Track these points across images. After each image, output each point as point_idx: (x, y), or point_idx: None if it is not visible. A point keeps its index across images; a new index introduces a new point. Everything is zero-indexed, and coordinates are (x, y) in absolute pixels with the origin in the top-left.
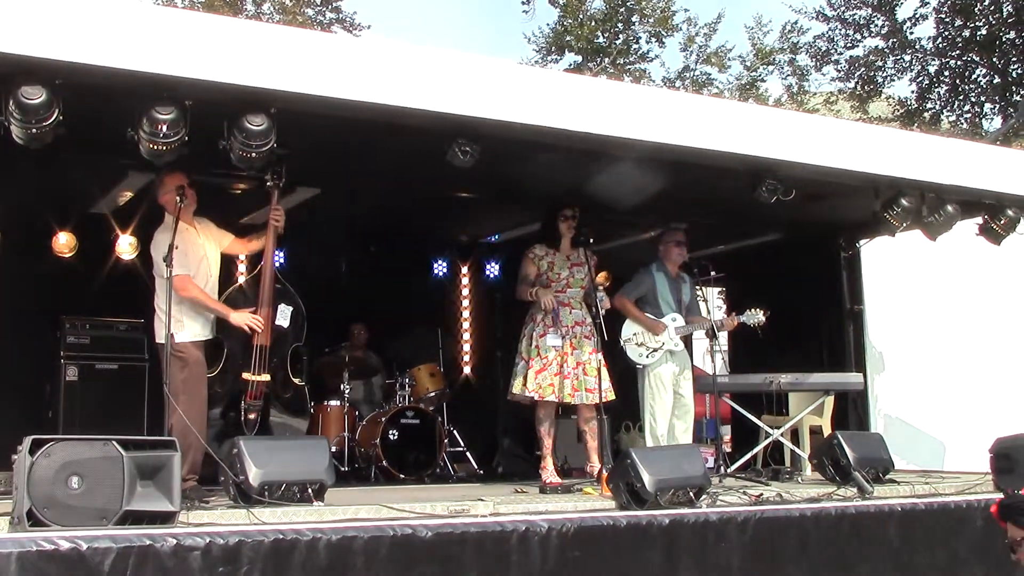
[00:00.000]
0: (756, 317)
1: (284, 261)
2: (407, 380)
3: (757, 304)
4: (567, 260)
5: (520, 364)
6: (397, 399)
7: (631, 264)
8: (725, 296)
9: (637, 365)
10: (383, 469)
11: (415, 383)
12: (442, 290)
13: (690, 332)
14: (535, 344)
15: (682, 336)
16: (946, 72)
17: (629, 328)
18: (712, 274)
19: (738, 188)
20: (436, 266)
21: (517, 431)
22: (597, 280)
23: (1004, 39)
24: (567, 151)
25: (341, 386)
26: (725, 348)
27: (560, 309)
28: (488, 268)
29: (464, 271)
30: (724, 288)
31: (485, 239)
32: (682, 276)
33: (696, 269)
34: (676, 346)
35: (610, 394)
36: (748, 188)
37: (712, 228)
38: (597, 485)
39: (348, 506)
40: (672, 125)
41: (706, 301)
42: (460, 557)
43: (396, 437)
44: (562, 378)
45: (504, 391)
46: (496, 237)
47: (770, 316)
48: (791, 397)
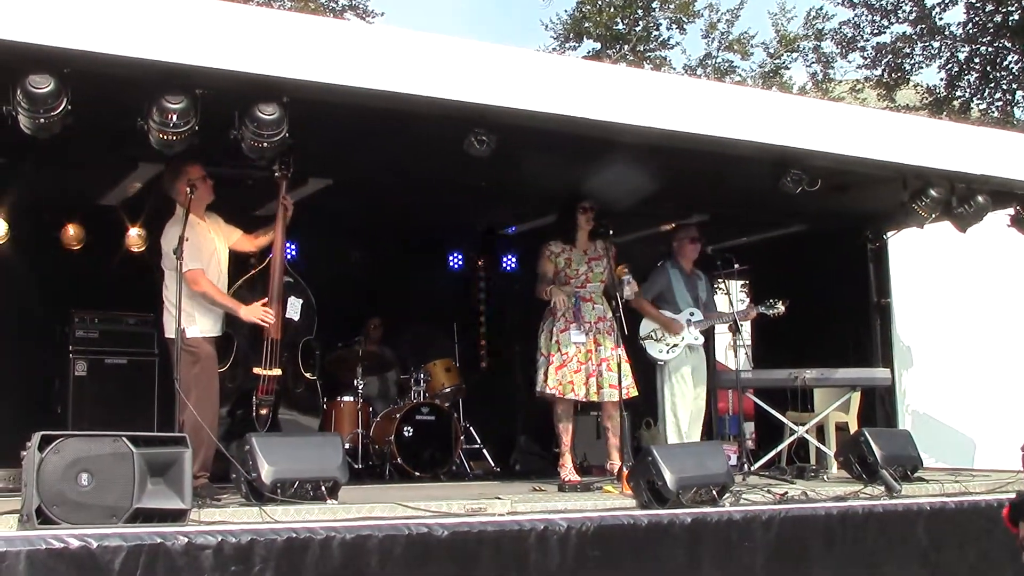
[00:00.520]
0: (775, 307)
1: (295, 254)
2: (422, 375)
3: (780, 296)
4: (584, 255)
5: (540, 360)
6: (412, 395)
7: (649, 259)
8: (748, 289)
9: (658, 362)
10: (398, 467)
11: (430, 378)
12: (458, 283)
13: (709, 325)
14: (555, 339)
15: (702, 330)
16: (976, 59)
17: (647, 325)
18: (735, 267)
19: (762, 178)
20: (452, 258)
21: (535, 428)
22: (619, 271)
23: None
24: (585, 140)
25: (355, 381)
26: (748, 343)
27: (582, 305)
28: (505, 260)
29: (480, 263)
30: (747, 281)
31: (502, 231)
32: (697, 273)
33: (719, 261)
34: (695, 341)
35: (633, 390)
36: (772, 178)
37: (735, 220)
38: (617, 483)
39: (362, 504)
40: (693, 113)
41: (729, 294)
42: (477, 557)
43: (411, 434)
44: (586, 376)
45: (522, 386)
46: (513, 229)
47: (795, 310)
48: (816, 393)
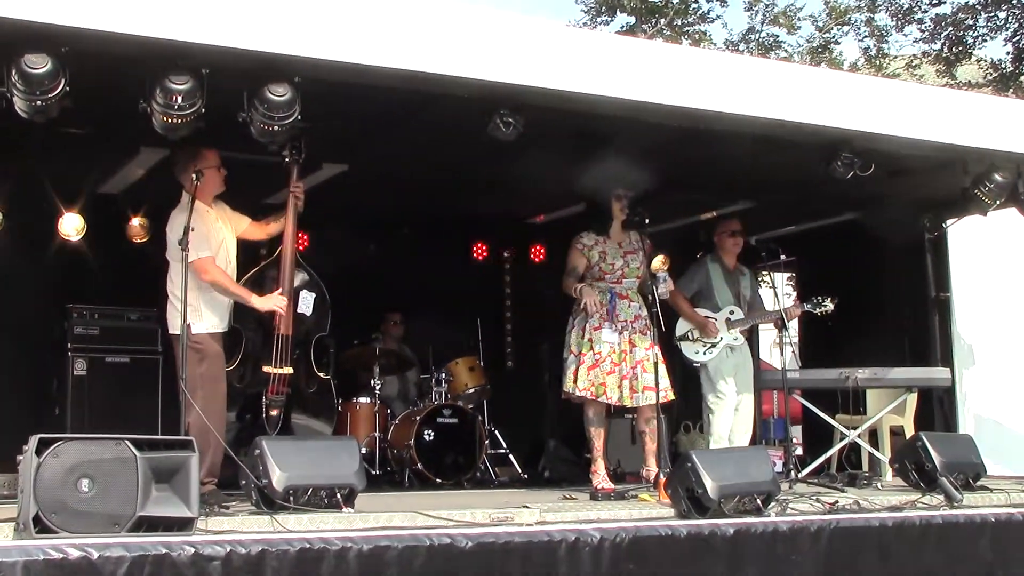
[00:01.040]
0: (823, 306)
1: (307, 244)
2: (444, 375)
3: (829, 291)
4: (619, 248)
5: (570, 359)
6: (433, 396)
7: (689, 249)
8: (795, 282)
9: (694, 363)
10: (418, 473)
11: (453, 378)
12: (482, 276)
13: (749, 325)
14: (588, 337)
15: (743, 329)
16: None
17: (684, 324)
18: (781, 258)
19: (810, 163)
20: (476, 250)
21: (565, 432)
22: (655, 265)
23: None
24: (619, 121)
25: (371, 381)
26: (795, 340)
27: (618, 302)
28: (533, 252)
29: (507, 255)
30: (793, 273)
31: (530, 220)
32: (740, 269)
33: (763, 252)
34: (735, 341)
35: (670, 393)
36: (821, 163)
37: (781, 207)
38: (654, 491)
39: (380, 513)
40: (734, 92)
41: (774, 288)
42: (503, 569)
43: (432, 438)
44: (620, 378)
45: (551, 387)
46: (542, 218)
47: (846, 305)
48: (869, 394)
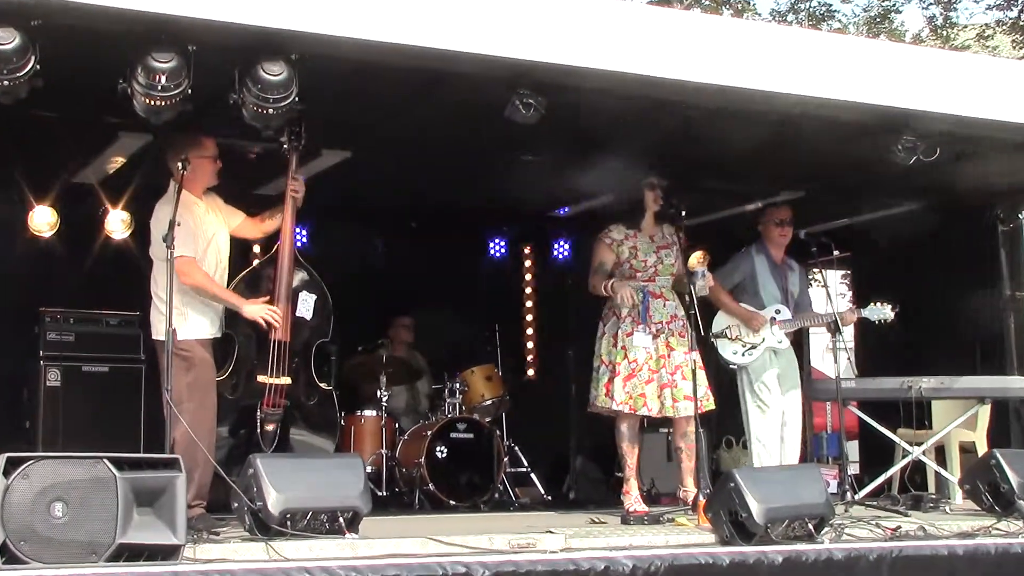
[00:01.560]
0: (882, 313)
1: (306, 241)
2: (458, 385)
3: (889, 296)
4: (652, 242)
5: (601, 369)
6: (446, 408)
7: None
8: (850, 281)
9: (731, 364)
10: (429, 494)
11: (468, 389)
12: (500, 275)
13: (798, 327)
14: (620, 344)
15: (788, 332)
16: None
17: (722, 320)
18: (835, 253)
19: (867, 147)
20: (493, 246)
21: (593, 448)
22: (692, 262)
23: None
24: (650, 102)
25: (378, 392)
26: (851, 344)
27: (651, 302)
28: (557, 248)
29: (527, 251)
30: (848, 271)
31: (553, 212)
32: (789, 263)
33: (814, 247)
34: (780, 343)
35: (708, 402)
36: (880, 146)
37: (833, 197)
38: (692, 514)
39: (387, 539)
40: (782, 69)
41: (826, 287)
42: None
43: (445, 455)
44: (659, 387)
45: (577, 397)
46: (566, 210)
47: (909, 306)
48: (935, 406)
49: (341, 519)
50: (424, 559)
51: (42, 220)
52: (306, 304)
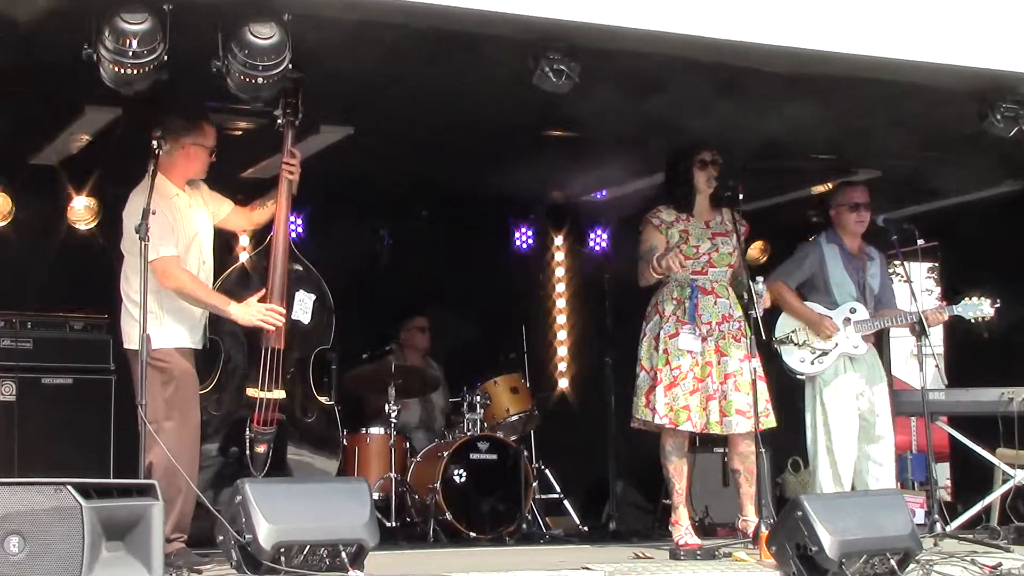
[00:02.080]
0: (978, 309)
1: (303, 232)
2: (479, 398)
3: (985, 289)
4: (706, 228)
5: (642, 377)
6: (465, 425)
7: (795, 234)
8: (937, 274)
9: (798, 374)
10: (446, 524)
11: (490, 402)
12: (527, 269)
13: (878, 329)
14: (663, 348)
15: (866, 335)
16: None
17: (787, 323)
18: (919, 242)
19: (958, 116)
20: (519, 236)
21: (636, 471)
22: (754, 254)
23: None
24: (699, 68)
25: (386, 407)
26: (939, 349)
27: (700, 299)
28: (593, 237)
29: (558, 242)
30: (935, 263)
31: (588, 196)
32: (868, 252)
33: (894, 235)
34: (856, 348)
35: (768, 419)
36: (973, 116)
37: (918, 177)
38: (753, 548)
39: None
40: (853, 27)
41: (909, 282)
42: None
43: (464, 479)
44: (704, 398)
45: (618, 411)
46: (603, 193)
47: (1009, 305)
48: None
49: (343, 554)
50: None
51: None
52: (303, 305)
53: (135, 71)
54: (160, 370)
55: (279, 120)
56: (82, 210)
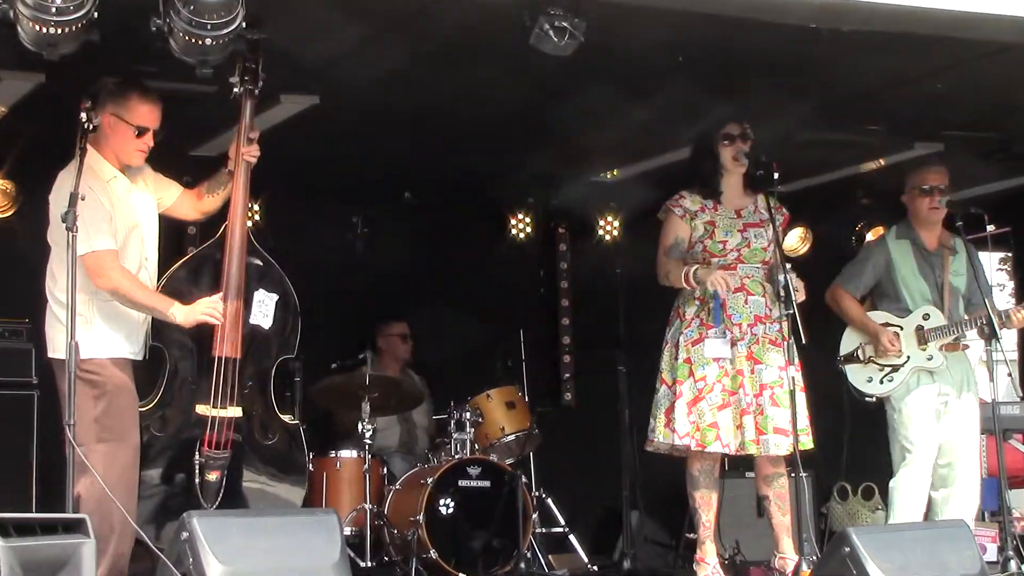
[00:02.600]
0: None
1: (261, 219)
2: (469, 415)
3: None
4: (736, 218)
5: (661, 392)
6: (453, 447)
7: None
8: (1011, 266)
9: (866, 396)
10: (430, 564)
11: (482, 420)
12: (526, 264)
13: (956, 336)
14: (686, 356)
15: (945, 344)
16: None
17: (851, 338)
18: (989, 229)
19: None
20: (514, 224)
21: (654, 499)
22: (793, 244)
23: None
24: (722, 23)
25: (360, 426)
26: (1012, 356)
27: (728, 296)
28: (603, 225)
29: (561, 231)
30: (1009, 252)
31: (597, 177)
32: (950, 245)
33: (960, 221)
34: (931, 360)
35: (806, 440)
36: None
37: (985, 151)
38: None
39: None
40: None
41: (977, 277)
42: None
43: (452, 511)
44: (738, 413)
45: (632, 430)
46: (614, 172)
47: None
48: None
49: None
50: None
51: None
52: (263, 307)
53: (60, 30)
54: (91, 384)
55: (236, 89)
56: None
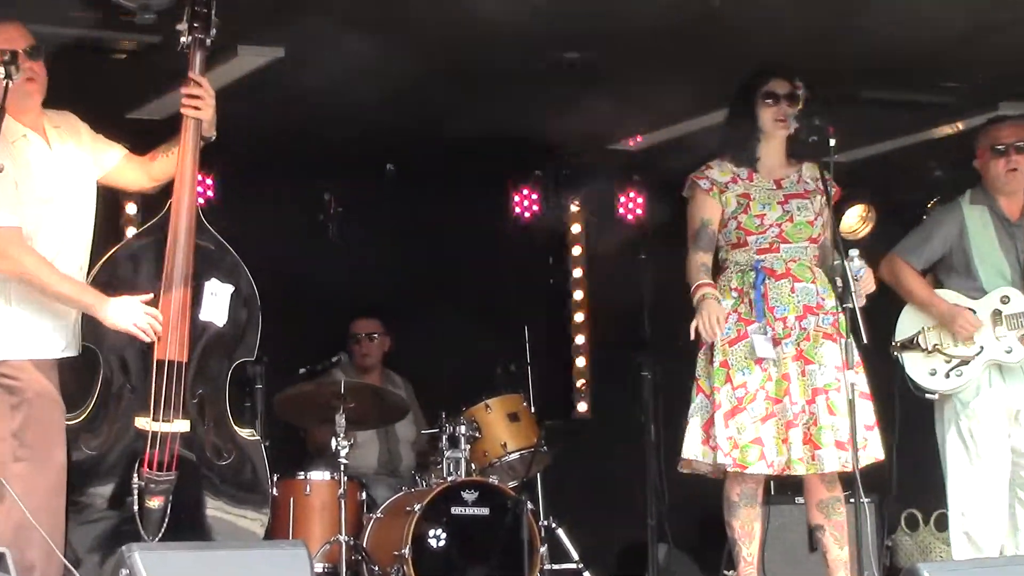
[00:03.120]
0: None
1: (214, 195)
2: (463, 429)
3: None
4: (776, 189)
5: (698, 401)
6: (444, 467)
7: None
8: None
9: (927, 392)
10: None
11: (480, 435)
12: (532, 247)
13: None
14: (722, 359)
15: None
16: None
17: (911, 320)
18: None
19: None
20: (519, 200)
21: (686, 529)
22: (851, 224)
23: None
24: None
25: (333, 442)
26: None
27: (771, 286)
28: (624, 202)
29: (574, 209)
30: None
31: (616, 145)
32: None
33: None
34: (1009, 353)
35: (873, 450)
36: None
37: None
38: None
39: None
40: None
41: None
42: None
43: (444, 543)
44: (783, 425)
45: (660, 447)
46: (638, 140)
47: None
48: None
49: None
50: None
51: None
52: (216, 301)
53: None
54: (7, 390)
55: (184, 39)
56: None
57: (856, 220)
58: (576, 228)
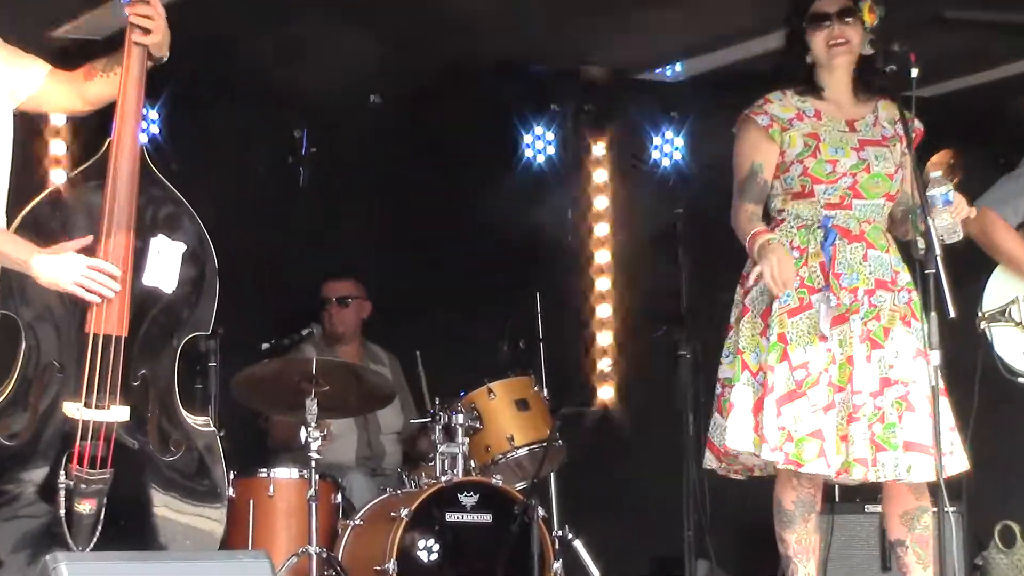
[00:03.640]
0: None
1: (162, 132)
2: (461, 418)
3: None
4: (850, 131)
5: (743, 378)
6: (438, 464)
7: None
8: None
9: (1019, 375)
10: None
11: (482, 425)
12: (546, 197)
13: None
14: (777, 332)
15: None
16: None
17: (1001, 286)
18: None
19: None
20: (528, 142)
21: (730, 540)
22: (934, 172)
23: None
24: None
25: (302, 433)
26: None
27: (840, 247)
28: (658, 144)
29: (598, 152)
30: None
31: (648, 74)
32: None
33: None
34: None
35: (960, 458)
36: None
37: None
38: None
39: None
40: None
41: None
42: None
43: (436, 556)
44: (844, 418)
45: (699, 445)
46: (677, 68)
47: None
48: None
49: None
50: None
51: None
52: (163, 261)
53: None
54: None
55: None
56: None
57: (939, 168)
58: (601, 176)
